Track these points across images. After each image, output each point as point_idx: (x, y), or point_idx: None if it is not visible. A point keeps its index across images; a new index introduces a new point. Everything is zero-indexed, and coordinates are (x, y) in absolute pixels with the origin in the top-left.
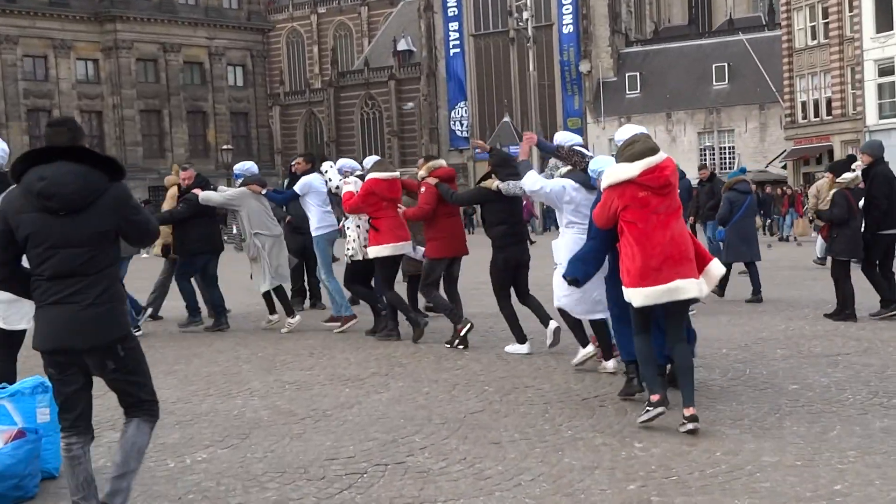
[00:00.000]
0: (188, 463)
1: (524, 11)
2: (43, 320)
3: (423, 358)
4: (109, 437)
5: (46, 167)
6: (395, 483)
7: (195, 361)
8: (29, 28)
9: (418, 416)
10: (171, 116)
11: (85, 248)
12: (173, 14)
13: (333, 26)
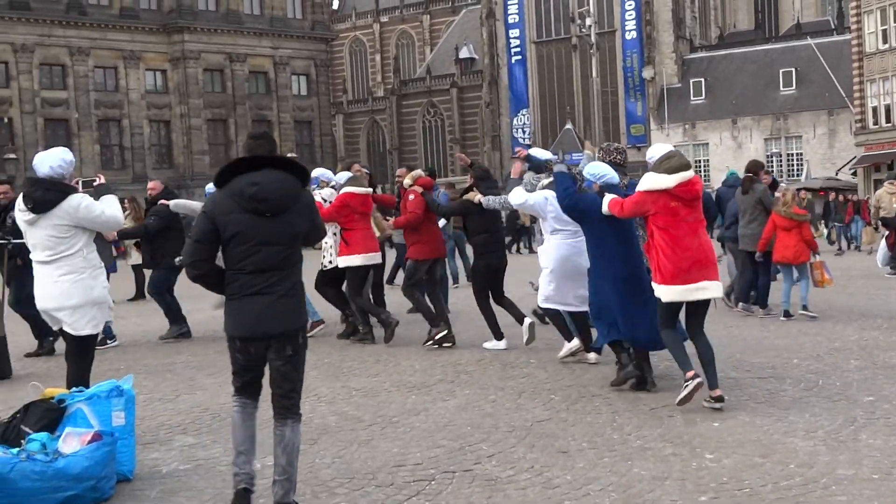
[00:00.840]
0: (258, 467)
1: (587, 18)
2: (240, 310)
3: (489, 366)
4: (181, 440)
5: (256, 174)
6: (463, 491)
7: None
8: (100, 40)
9: (485, 424)
10: (236, 125)
11: (283, 247)
12: (239, 24)
13: (396, 35)
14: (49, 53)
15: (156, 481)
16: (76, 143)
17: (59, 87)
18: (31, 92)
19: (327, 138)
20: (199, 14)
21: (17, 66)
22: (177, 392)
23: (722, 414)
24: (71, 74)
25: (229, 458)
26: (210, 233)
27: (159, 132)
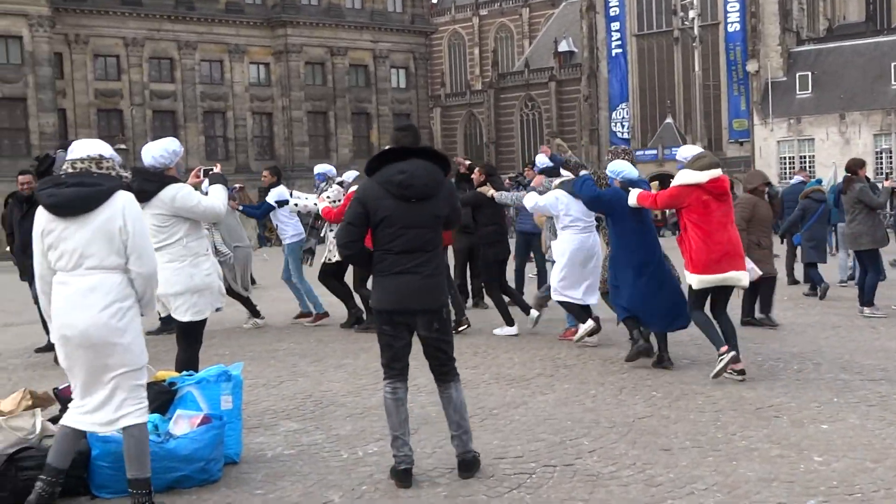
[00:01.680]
0: (360, 455)
1: (690, 10)
2: (387, 287)
3: (589, 360)
4: (286, 426)
5: (404, 163)
6: (564, 485)
7: (363, 356)
8: (206, 34)
9: (586, 419)
10: (336, 118)
11: (428, 229)
12: (340, 18)
13: (494, 28)
14: (158, 47)
15: (261, 465)
16: (182, 134)
17: (168, 79)
18: (140, 84)
19: (425, 131)
20: (302, 8)
21: (128, 59)
22: (280, 378)
23: (831, 417)
24: (178, 68)
25: (332, 444)
26: (361, 216)
27: (262, 124)
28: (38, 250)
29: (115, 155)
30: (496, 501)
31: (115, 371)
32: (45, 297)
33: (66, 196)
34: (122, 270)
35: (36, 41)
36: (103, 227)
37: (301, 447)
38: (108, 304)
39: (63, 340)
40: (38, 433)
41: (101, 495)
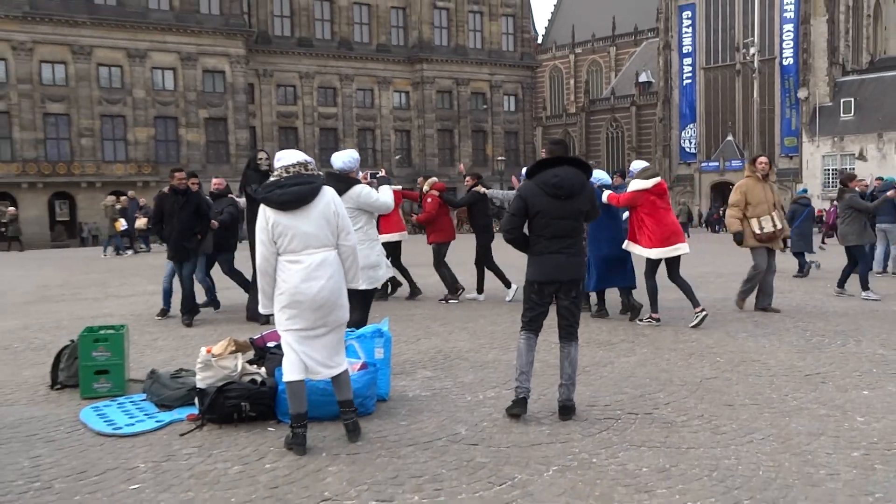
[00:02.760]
0: (480, 398)
1: (751, 47)
2: (542, 263)
3: (663, 330)
4: (422, 373)
5: (558, 169)
6: (644, 429)
7: (481, 321)
8: (361, 69)
9: (661, 378)
10: (459, 134)
11: (572, 220)
12: (464, 56)
13: (587, 63)
14: (324, 79)
15: (404, 403)
16: (342, 147)
17: (331, 104)
18: (311, 108)
19: (529, 145)
20: (435, 48)
21: (301, 88)
22: (417, 336)
23: (871, 384)
24: (340, 95)
25: (458, 389)
26: (522, 209)
27: (402, 139)
28: (265, 238)
29: (312, 160)
30: (588, 439)
31: (335, 325)
32: (267, 275)
33: (292, 193)
34: (335, 247)
35: (234, 75)
36: (323, 214)
37: (434, 390)
38: (332, 273)
39: (295, 305)
40: (239, 371)
41: (284, 420)
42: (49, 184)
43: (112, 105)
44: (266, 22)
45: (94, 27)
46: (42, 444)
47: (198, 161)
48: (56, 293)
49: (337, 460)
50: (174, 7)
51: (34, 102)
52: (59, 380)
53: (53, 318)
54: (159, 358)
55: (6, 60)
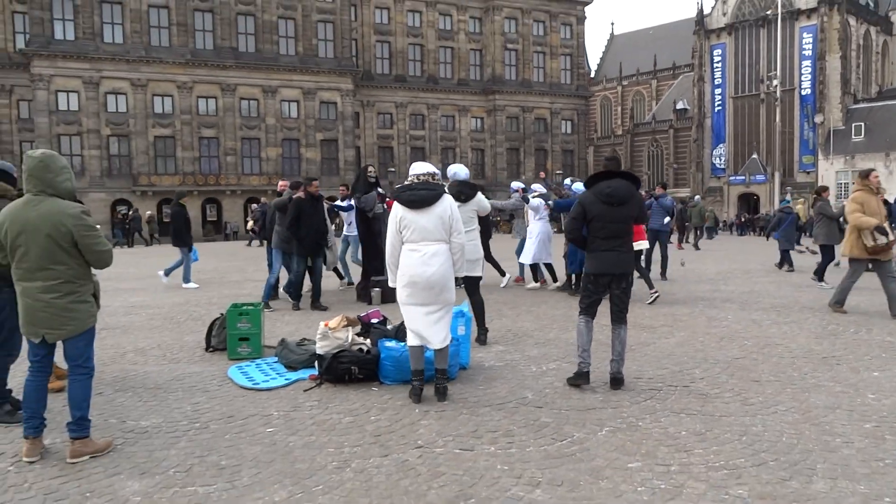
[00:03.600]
0: (544, 369)
1: (774, 80)
2: (598, 259)
3: (698, 317)
4: (496, 348)
5: (611, 181)
6: (683, 399)
7: (543, 306)
8: (445, 99)
9: (697, 357)
10: (524, 153)
11: (622, 224)
12: (529, 88)
13: (632, 93)
14: (415, 108)
15: (481, 371)
16: (428, 162)
17: (420, 128)
18: (404, 131)
19: (582, 161)
20: (505, 82)
21: (397, 115)
22: (490, 317)
23: (881, 366)
24: (427, 120)
25: (525, 361)
26: (581, 214)
27: (477, 156)
28: (394, 229)
29: (437, 171)
30: (635, 406)
31: (444, 304)
32: (393, 258)
33: (419, 196)
34: (447, 242)
35: (344, 105)
36: (440, 215)
37: (505, 362)
38: (444, 262)
39: (412, 285)
40: (350, 342)
41: (385, 382)
42: (202, 191)
43: (250, 130)
44: (370, 62)
45: (238, 69)
46: (200, 394)
47: (313, 173)
48: (208, 277)
49: (428, 416)
50: (299, 52)
51: (192, 129)
52: (211, 344)
53: (206, 297)
54: (286, 329)
55: (172, 97)
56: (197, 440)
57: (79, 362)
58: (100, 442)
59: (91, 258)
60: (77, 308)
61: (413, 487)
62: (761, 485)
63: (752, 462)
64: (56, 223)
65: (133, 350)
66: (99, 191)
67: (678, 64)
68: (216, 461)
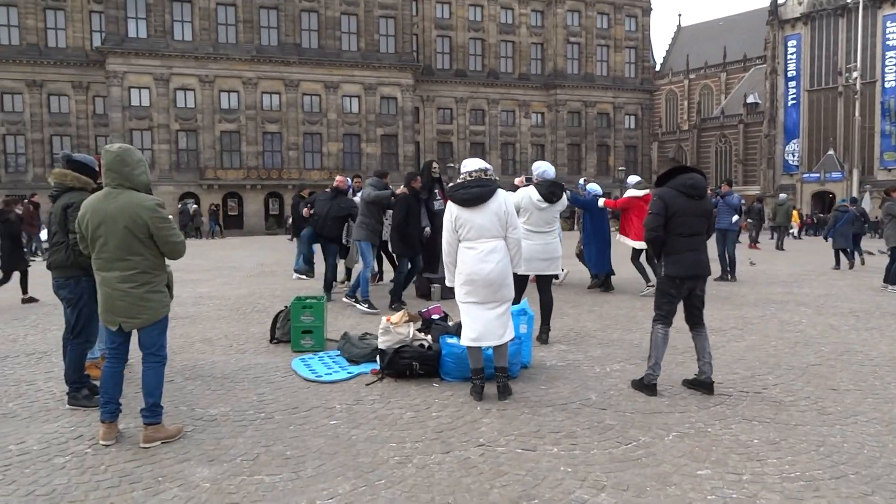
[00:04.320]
0: (607, 370)
1: (854, 72)
2: (681, 261)
3: (769, 321)
4: (557, 347)
5: (689, 176)
6: (755, 406)
7: (606, 306)
8: (505, 94)
9: (769, 362)
10: (586, 148)
11: (702, 218)
12: (592, 83)
13: (699, 87)
14: (475, 103)
15: (543, 370)
16: (488, 158)
17: (480, 123)
18: (463, 127)
19: (646, 157)
20: (567, 76)
21: (456, 111)
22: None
23: None
24: (487, 116)
25: (588, 361)
26: (663, 209)
27: (537, 152)
28: (450, 227)
29: (490, 167)
30: (704, 411)
31: (502, 301)
32: (450, 257)
33: (473, 194)
34: (504, 238)
35: (404, 100)
36: (495, 211)
37: (567, 361)
38: (501, 258)
39: (470, 283)
40: (411, 337)
41: (446, 378)
42: (265, 185)
43: (312, 125)
44: (430, 58)
45: (301, 65)
46: (265, 385)
47: (373, 168)
48: (271, 269)
49: (489, 414)
50: (360, 48)
51: (257, 124)
52: (275, 336)
53: (270, 289)
54: (347, 323)
55: (238, 92)
56: (263, 430)
57: (152, 350)
58: (171, 428)
59: (165, 249)
60: (151, 298)
61: (475, 486)
62: (841, 499)
63: (830, 474)
64: (133, 215)
65: (201, 340)
66: (168, 184)
67: (749, 56)
68: (281, 451)
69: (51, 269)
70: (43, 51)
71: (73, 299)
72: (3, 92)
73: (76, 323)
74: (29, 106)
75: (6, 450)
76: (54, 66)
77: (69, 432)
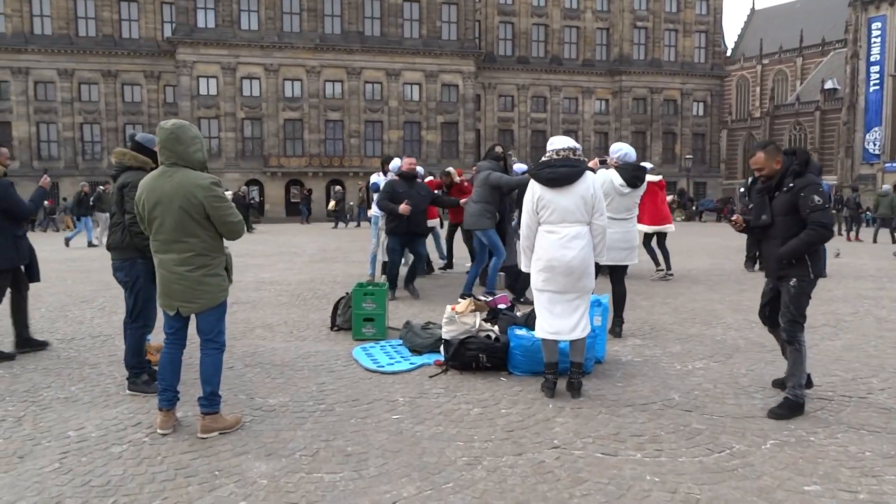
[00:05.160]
0: (689, 368)
1: None
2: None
3: (864, 318)
4: (632, 341)
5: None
6: (861, 413)
7: (680, 298)
8: (568, 80)
9: (872, 363)
10: (651, 136)
11: None
12: (659, 68)
13: (773, 73)
14: (537, 90)
15: (618, 366)
16: None
17: (542, 110)
18: (525, 114)
19: (714, 146)
20: (633, 62)
21: (518, 98)
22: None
23: None
24: (549, 103)
25: (667, 358)
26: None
27: (600, 139)
28: (530, 209)
29: (578, 146)
30: (803, 418)
31: (582, 292)
32: (528, 241)
33: (559, 173)
34: (588, 224)
35: (465, 87)
36: (582, 194)
37: (644, 357)
38: (584, 245)
39: (549, 269)
40: (477, 327)
41: (514, 372)
42: (327, 173)
43: (373, 113)
44: (492, 44)
45: (363, 53)
46: (325, 374)
47: (433, 156)
48: (332, 255)
49: (563, 413)
50: (422, 35)
51: (319, 112)
52: (336, 323)
53: (331, 274)
54: (409, 311)
55: (301, 80)
56: (323, 422)
57: (210, 336)
58: (229, 418)
59: (223, 230)
60: (209, 282)
61: (552, 494)
62: None
63: None
64: (188, 195)
65: (261, 325)
66: (234, 171)
67: (828, 40)
68: (342, 447)
69: (109, 251)
70: (117, 41)
71: (129, 282)
72: (81, 82)
73: (133, 306)
74: (104, 95)
75: (65, 436)
76: (128, 56)
77: (128, 419)
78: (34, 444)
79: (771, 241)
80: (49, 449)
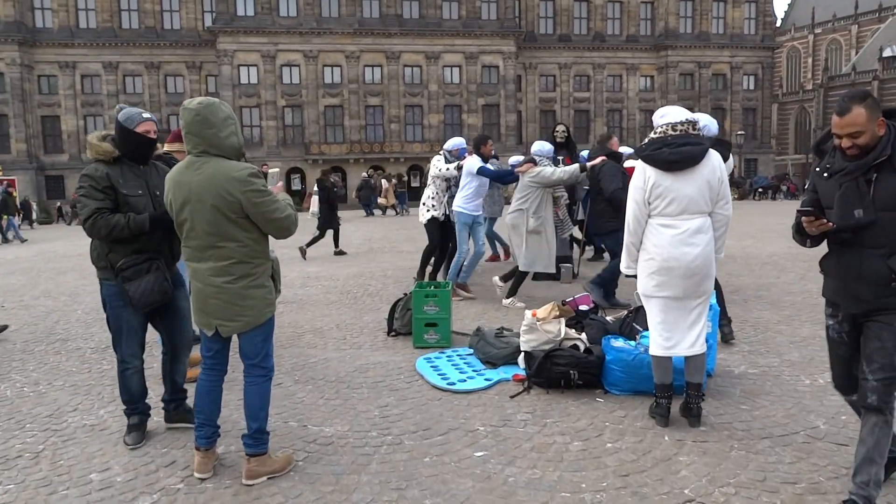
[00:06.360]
0: (821, 383)
1: None
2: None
3: None
4: (739, 346)
5: None
6: None
7: (773, 290)
8: (612, 58)
9: None
10: (699, 112)
11: None
12: (707, 42)
13: (826, 42)
14: (580, 68)
15: (733, 381)
16: (591, 126)
17: (585, 89)
18: (567, 94)
19: (766, 120)
20: (679, 36)
21: (560, 77)
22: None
23: None
24: (592, 81)
25: (788, 369)
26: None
27: (646, 118)
28: (640, 198)
29: (698, 118)
30: None
31: (703, 297)
32: (636, 236)
33: (682, 153)
34: (709, 215)
35: (506, 69)
36: (707, 178)
37: (760, 368)
38: (707, 241)
39: (666, 271)
40: (562, 336)
41: (612, 391)
42: (368, 159)
43: (413, 97)
44: (533, 23)
45: (402, 37)
46: (388, 393)
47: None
48: (379, 246)
49: (684, 448)
50: (461, 16)
51: (359, 97)
52: (393, 327)
53: (380, 268)
54: (470, 311)
55: (341, 67)
56: (391, 462)
57: (255, 361)
58: (279, 459)
59: (269, 228)
60: (253, 294)
61: None
62: None
63: None
64: (221, 191)
65: (311, 330)
66: (276, 160)
67: (886, 5)
68: (418, 498)
69: None
70: (160, 33)
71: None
72: (125, 74)
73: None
74: (148, 87)
75: (87, 480)
76: (170, 47)
77: (161, 456)
78: (49, 492)
79: (867, 250)
80: (66, 500)
